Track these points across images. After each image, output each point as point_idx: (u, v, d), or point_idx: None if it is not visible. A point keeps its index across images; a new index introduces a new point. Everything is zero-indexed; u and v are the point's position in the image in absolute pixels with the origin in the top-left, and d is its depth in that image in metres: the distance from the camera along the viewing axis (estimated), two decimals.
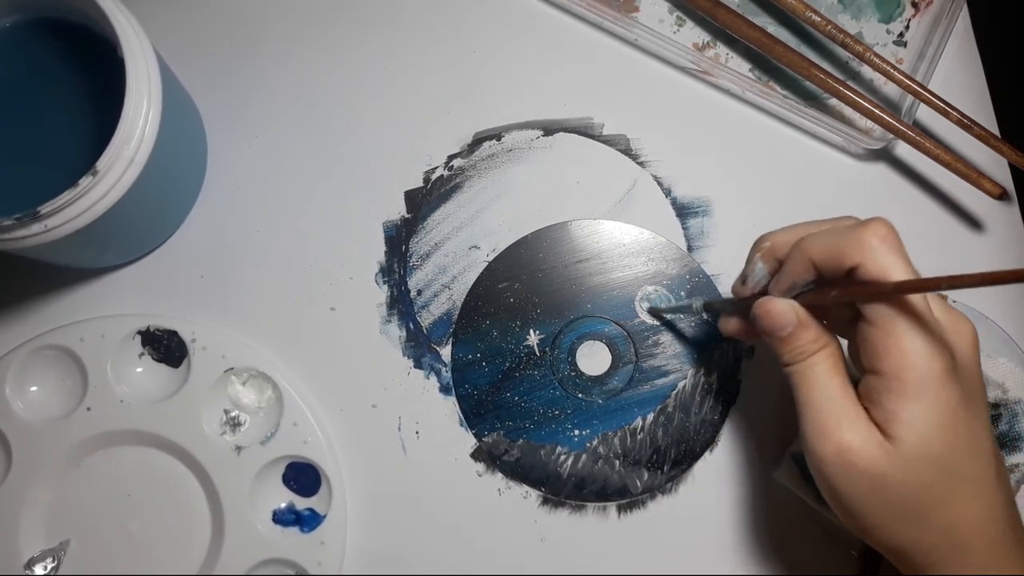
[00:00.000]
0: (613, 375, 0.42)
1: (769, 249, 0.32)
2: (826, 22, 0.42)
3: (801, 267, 0.30)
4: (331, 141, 0.44)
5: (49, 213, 0.33)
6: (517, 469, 0.42)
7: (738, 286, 0.34)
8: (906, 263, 0.29)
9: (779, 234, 0.32)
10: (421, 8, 0.45)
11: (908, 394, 0.29)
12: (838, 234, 0.29)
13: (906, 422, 0.29)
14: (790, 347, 0.32)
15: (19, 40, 0.38)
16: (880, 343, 0.29)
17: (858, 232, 0.29)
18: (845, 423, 0.30)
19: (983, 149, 0.42)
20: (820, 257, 0.30)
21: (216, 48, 0.44)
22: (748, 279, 0.33)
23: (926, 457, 0.29)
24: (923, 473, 0.29)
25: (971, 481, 0.30)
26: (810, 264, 0.30)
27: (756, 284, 0.33)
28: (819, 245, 0.30)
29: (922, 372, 0.29)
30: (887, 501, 0.30)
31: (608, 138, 0.44)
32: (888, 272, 0.28)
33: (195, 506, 0.41)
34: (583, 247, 0.43)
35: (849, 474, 0.30)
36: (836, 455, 0.30)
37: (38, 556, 0.39)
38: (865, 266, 0.29)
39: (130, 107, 0.34)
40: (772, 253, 0.32)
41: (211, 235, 0.43)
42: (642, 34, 0.43)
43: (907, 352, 0.29)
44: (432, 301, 0.43)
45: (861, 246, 0.29)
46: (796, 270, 0.31)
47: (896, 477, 0.29)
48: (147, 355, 0.41)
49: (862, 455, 0.29)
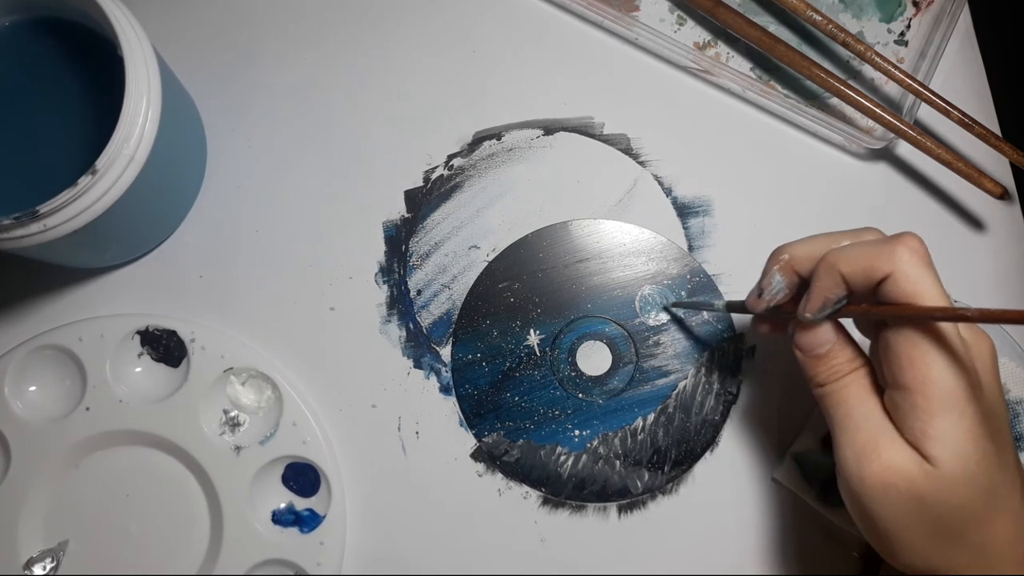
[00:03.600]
0: (613, 375, 0.42)
1: (788, 262, 0.32)
2: (827, 21, 0.42)
3: (832, 282, 0.30)
4: (331, 141, 0.44)
5: (48, 212, 0.33)
6: (517, 469, 0.41)
7: (754, 299, 0.33)
8: (934, 276, 0.29)
9: (798, 246, 0.32)
10: (421, 8, 0.45)
11: (934, 410, 0.28)
12: (868, 246, 0.29)
13: (938, 440, 0.28)
14: (826, 366, 0.31)
15: (19, 40, 0.38)
16: (905, 354, 0.29)
17: (890, 244, 0.29)
18: (884, 443, 0.29)
19: (984, 148, 0.42)
20: (850, 270, 0.29)
21: (216, 48, 0.44)
22: (765, 292, 0.32)
23: (964, 476, 0.28)
24: (961, 492, 0.29)
25: (1001, 497, 0.29)
26: (840, 279, 0.29)
27: (773, 297, 0.32)
28: (849, 258, 0.29)
29: (948, 388, 0.28)
30: (925, 522, 0.29)
31: (608, 137, 0.44)
32: (918, 284, 0.28)
33: (194, 506, 0.40)
34: (583, 247, 0.43)
35: (889, 495, 0.29)
36: (877, 476, 0.29)
37: (37, 556, 0.39)
38: (895, 277, 0.28)
39: (130, 106, 0.34)
40: (791, 266, 0.32)
41: (210, 235, 0.43)
42: (642, 33, 0.43)
43: (932, 366, 0.28)
44: (432, 301, 0.43)
45: (893, 257, 0.28)
46: (826, 285, 0.30)
47: (936, 497, 0.29)
48: (146, 355, 0.41)
49: (903, 475, 0.29)
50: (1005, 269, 0.44)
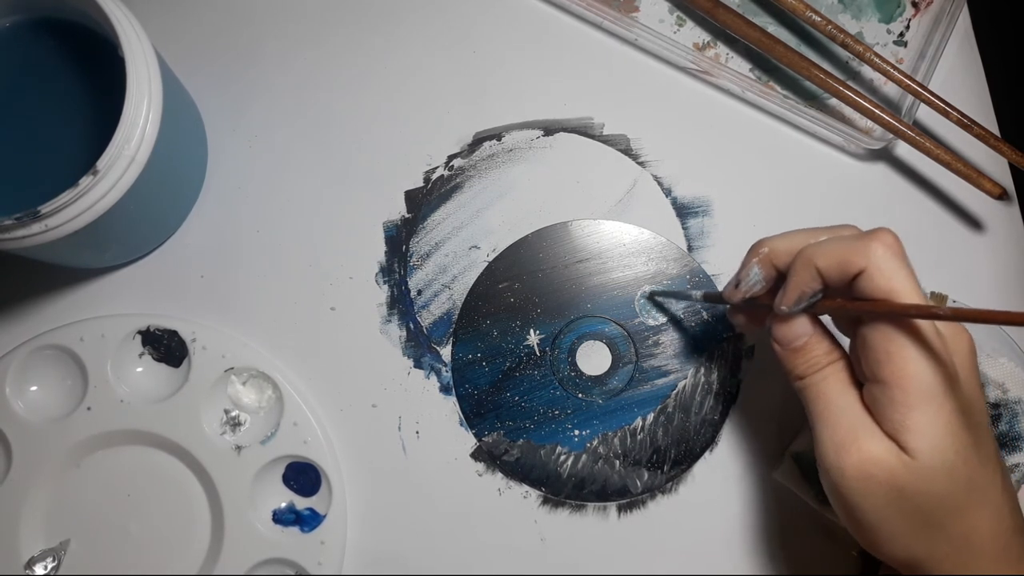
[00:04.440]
0: (613, 375, 0.42)
1: (767, 255, 0.32)
2: (826, 22, 0.42)
3: (808, 276, 0.30)
4: (331, 141, 0.44)
5: (49, 213, 0.33)
6: (517, 469, 0.42)
7: (731, 290, 0.34)
8: (909, 272, 0.29)
9: (777, 240, 0.32)
10: (421, 8, 0.45)
11: (912, 403, 0.29)
12: (843, 242, 0.30)
13: (916, 432, 0.29)
14: (803, 359, 0.32)
15: (19, 40, 0.38)
16: (882, 349, 0.29)
17: (865, 239, 0.29)
18: (863, 435, 0.30)
19: (983, 149, 0.42)
20: (825, 264, 0.30)
21: (217, 48, 0.44)
22: (742, 283, 0.33)
23: (942, 467, 0.29)
24: (940, 483, 0.29)
25: (981, 489, 0.30)
26: (816, 273, 0.30)
27: (750, 289, 0.33)
28: (824, 252, 0.30)
29: (925, 382, 0.29)
30: (905, 512, 0.30)
31: (608, 138, 0.44)
32: (892, 279, 0.29)
33: (195, 506, 0.41)
34: (583, 247, 0.43)
35: (868, 486, 0.29)
36: (856, 467, 0.29)
37: (38, 556, 0.39)
38: (870, 272, 0.29)
39: (130, 107, 0.34)
40: (769, 259, 0.32)
41: (211, 235, 0.43)
42: (642, 34, 0.43)
43: (909, 361, 0.29)
44: (432, 301, 0.43)
45: (867, 252, 0.29)
46: (803, 279, 0.30)
47: (915, 487, 0.29)
48: (147, 355, 0.41)
49: (882, 466, 0.29)
50: (1004, 269, 0.44)
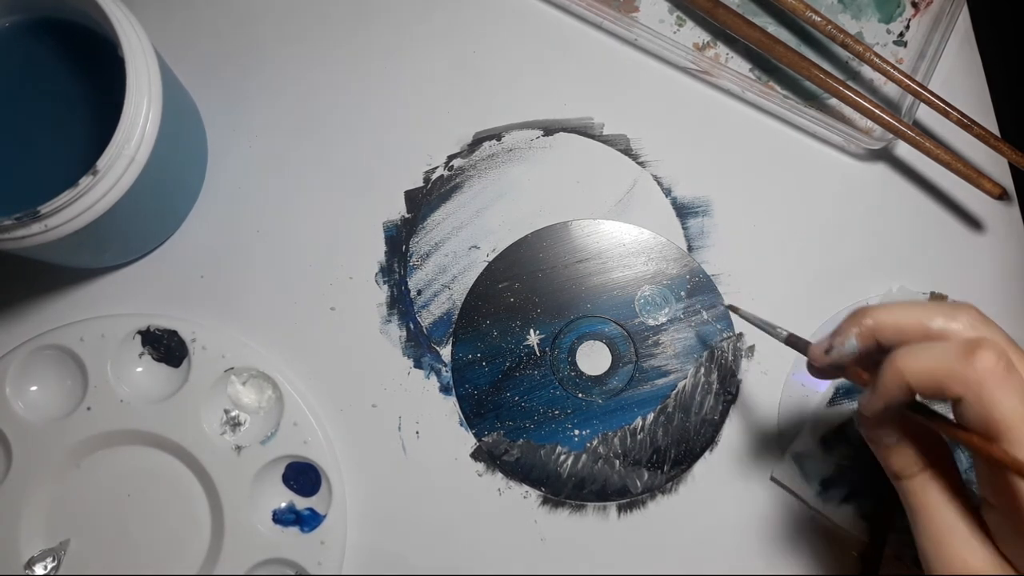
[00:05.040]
0: (613, 375, 0.42)
1: (870, 329, 0.29)
2: (826, 22, 0.42)
3: (896, 389, 0.28)
4: (331, 141, 0.44)
5: (49, 213, 0.33)
6: (517, 469, 0.42)
7: (819, 353, 0.31)
8: (1012, 400, 0.26)
9: (883, 314, 0.29)
10: (421, 8, 0.45)
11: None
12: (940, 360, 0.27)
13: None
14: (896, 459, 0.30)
15: (19, 40, 0.38)
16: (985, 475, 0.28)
17: (963, 363, 0.27)
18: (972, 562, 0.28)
19: (983, 149, 0.42)
20: (917, 383, 0.27)
21: (217, 48, 0.44)
22: (834, 351, 0.30)
23: None
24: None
25: None
26: (906, 387, 0.28)
27: (841, 358, 0.30)
28: (917, 371, 0.27)
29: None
30: None
31: (608, 138, 0.44)
32: (993, 412, 0.26)
33: (195, 506, 0.41)
34: (583, 247, 0.43)
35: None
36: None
37: (38, 556, 0.39)
38: (968, 400, 0.27)
39: (130, 107, 0.34)
40: (872, 334, 0.29)
41: (211, 235, 0.43)
42: (642, 34, 0.43)
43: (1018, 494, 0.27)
44: (432, 301, 0.43)
45: (965, 380, 0.26)
46: (890, 392, 0.28)
47: None
48: (147, 355, 0.41)
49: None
50: (1004, 270, 0.44)
